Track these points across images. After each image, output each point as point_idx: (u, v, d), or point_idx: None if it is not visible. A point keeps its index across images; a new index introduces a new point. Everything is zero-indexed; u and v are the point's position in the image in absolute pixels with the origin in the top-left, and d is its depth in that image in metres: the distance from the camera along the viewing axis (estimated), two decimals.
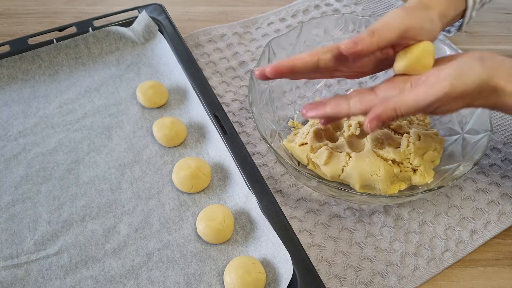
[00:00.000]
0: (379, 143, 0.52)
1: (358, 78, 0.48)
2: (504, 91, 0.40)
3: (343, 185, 0.52)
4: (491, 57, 0.41)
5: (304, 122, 0.58)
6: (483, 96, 0.41)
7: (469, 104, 0.42)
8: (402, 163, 0.51)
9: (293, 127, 0.58)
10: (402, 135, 0.53)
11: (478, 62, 0.40)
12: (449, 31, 0.54)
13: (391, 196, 0.48)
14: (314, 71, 0.46)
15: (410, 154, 0.51)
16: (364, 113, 0.44)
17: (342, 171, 0.50)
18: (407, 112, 0.41)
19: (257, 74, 0.45)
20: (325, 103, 0.45)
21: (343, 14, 0.60)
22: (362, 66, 0.47)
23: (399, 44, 0.44)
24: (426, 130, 0.54)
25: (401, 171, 0.51)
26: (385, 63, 0.47)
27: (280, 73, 0.45)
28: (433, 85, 0.40)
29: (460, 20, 0.50)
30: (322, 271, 0.49)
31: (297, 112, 0.60)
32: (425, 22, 0.44)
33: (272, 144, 0.50)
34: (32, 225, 0.50)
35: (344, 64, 0.46)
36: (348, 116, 0.45)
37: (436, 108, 0.41)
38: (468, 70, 0.40)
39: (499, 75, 0.40)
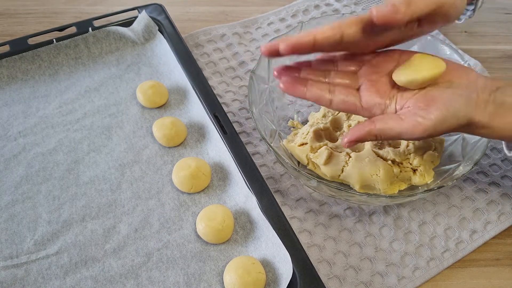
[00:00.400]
0: (379, 143, 0.52)
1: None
2: (477, 125, 0.42)
3: (343, 185, 0.52)
4: (479, 87, 0.43)
5: (304, 122, 0.58)
6: (460, 130, 0.43)
7: (451, 133, 0.45)
8: (402, 163, 0.51)
9: (293, 127, 0.58)
10: None
11: (465, 100, 0.42)
12: (459, 18, 0.54)
13: (391, 196, 0.48)
14: (334, 47, 0.42)
15: (410, 154, 0.51)
16: (344, 111, 0.45)
17: (342, 171, 0.50)
18: (388, 140, 0.44)
19: (265, 51, 0.41)
20: (305, 83, 0.44)
21: (343, 14, 0.60)
22: (385, 41, 0.44)
23: (427, 20, 0.42)
24: None
25: (401, 171, 0.51)
26: (403, 39, 0.45)
27: (298, 49, 0.40)
28: (419, 124, 0.41)
29: (470, 8, 0.50)
30: (322, 271, 0.49)
31: (297, 112, 0.60)
32: None
33: (272, 144, 0.50)
34: (32, 225, 0.50)
35: (369, 38, 0.42)
36: (330, 106, 0.45)
37: (416, 139, 0.45)
38: (454, 113, 0.41)
39: (478, 113, 0.42)
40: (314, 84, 0.44)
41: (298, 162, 0.54)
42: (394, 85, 0.44)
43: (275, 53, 0.40)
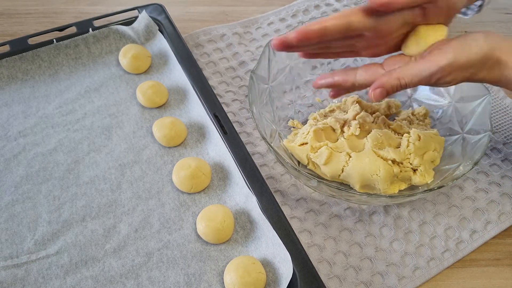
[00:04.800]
0: (379, 143, 0.52)
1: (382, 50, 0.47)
2: (507, 64, 0.41)
3: (343, 185, 0.52)
4: (494, 34, 0.42)
5: (304, 122, 0.58)
6: (486, 68, 0.42)
7: (472, 76, 0.43)
8: (402, 163, 0.51)
9: (293, 127, 0.58)
10: (402, 135, 0.53)
11: (482, 36, 0.42)
12: (465, 14, 0.54)
13: (391, 196, 0.48)
14: (344, 34, 0.42)
15: (410, 154, 0.51)
16: (369, 83, 0.44)
17: (342, 171, 0.50)
18: (411, 82, 0.42)
19: (276, 44, 0.41)
20: (334, 74, 0.46)
21: None
22: (390, 29, 0.44)
23: (430, 8, 0.43)
24: (426, 130, 0.54)
25: (401, 171, 0.51)
26: (407, 30, 0.45)
27: (309, 39, 0.41)
28: (436, 55, 0.41)
29: (477, 4, 0.50)
30: (322, 271, 0.49)
31: (297, 112, 0.60)
32: None
33: (272, 144, 0.50)
34: (32, 225, 0.50)
35: (376, 24, 0.43)
36: (354, 86, 0.46)
37: (439, 78, 0.42)
38: (471, 42, 0.41)
39: (502, 49, 0.41)
40: (341, 71, 0.46)
41: (298, 162, 0.54)
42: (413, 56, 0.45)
43: (286, 45, 0.41)
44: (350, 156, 0.51)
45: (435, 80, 0.42)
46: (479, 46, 0.41)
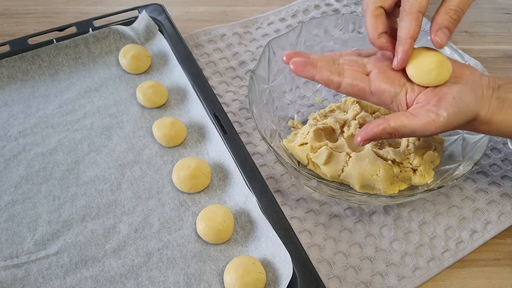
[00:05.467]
0: (379, 143, 0.52)
1: None
2: (481, 120, 0.43)
3: (343, 185, 0.52)
4: (483, 84, 0.44)
5: (304, 122, 0.58)
6: (464, 127, 0.44)
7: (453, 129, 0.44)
8: (402, 163, 0.51)
9: (293, 127, 0.58)
10: None
11: (473, 96, 0.43)
12: None
13: (391, 196, 0.48)
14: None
15: (410, 154, 0.51)
16: (354, 92, 0.45)
17: (342, 171, 0.50)
18: (401, 137, 0.44)
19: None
20: (315, 65, 0.45)
21: (343, 14, 0.60)
22: None
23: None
24: None
25: (401, 171, 0.51)
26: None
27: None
28: (432, 121, 0.42)
29: None
30: (322, 271, 0.49)
31: (297, 112, 0.60)
32: None
33: (272, 144, 0.50)
34: (32, 225, 0.50)
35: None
36: (337, 90, 0.45)
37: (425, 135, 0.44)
38: (464, 108, 0.42)
39: (483, 108, 0.43)
40: (324, 66, 0.45)
41: (298, 162, 0.54)
42: (404, 74, 0.45)
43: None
44: (350, 156, 0.51)
45: (424, 136, 0.45)
46: (470, 114, 0.42)
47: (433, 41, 0.43)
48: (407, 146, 0.51)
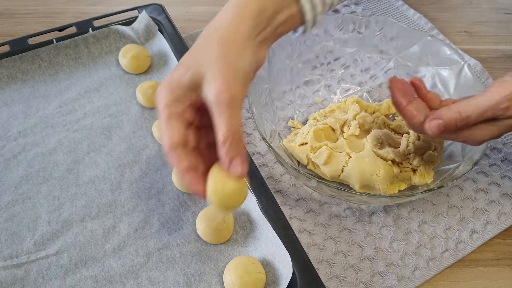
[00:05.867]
0: (379, 143, 0.52)
1: None
2: None
3: (343, 185, 0.52)
4: None
5: (304, 122, 0.58)
6: None
7: None
8: (402, 163, 0.51)
9: (293, 127, 0.58)
10: (402, 135, 0.53)
11: None
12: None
13: (391, 196, 0.48)
14: None
15: (410, 154, 0.51)
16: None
17: (342, 171, 0.50)
18: (473, 114, 0.41)
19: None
20: (409, 100, 0.45)
21: (343, 14, 0.60)
22: None
23: None
24: None
25: (401, 171, 0.51)
26: None
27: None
28: (502, 86, 0.40)
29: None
30: (322, 271, 0.49)
31: (297, 112, 0.60)
32: None
33: (272, 144, 0.50)
34: (32, 225, 0.50)
35: None
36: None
37: (506, 108, 0.41)
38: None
39: None
40: (415, 103, 0.45)
41: (298, 162, 0.54)
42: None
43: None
44: (350, 156, 0.51)
45: (502, 111, 0.41)
46: None
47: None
48: (407, 146, 0.51)
